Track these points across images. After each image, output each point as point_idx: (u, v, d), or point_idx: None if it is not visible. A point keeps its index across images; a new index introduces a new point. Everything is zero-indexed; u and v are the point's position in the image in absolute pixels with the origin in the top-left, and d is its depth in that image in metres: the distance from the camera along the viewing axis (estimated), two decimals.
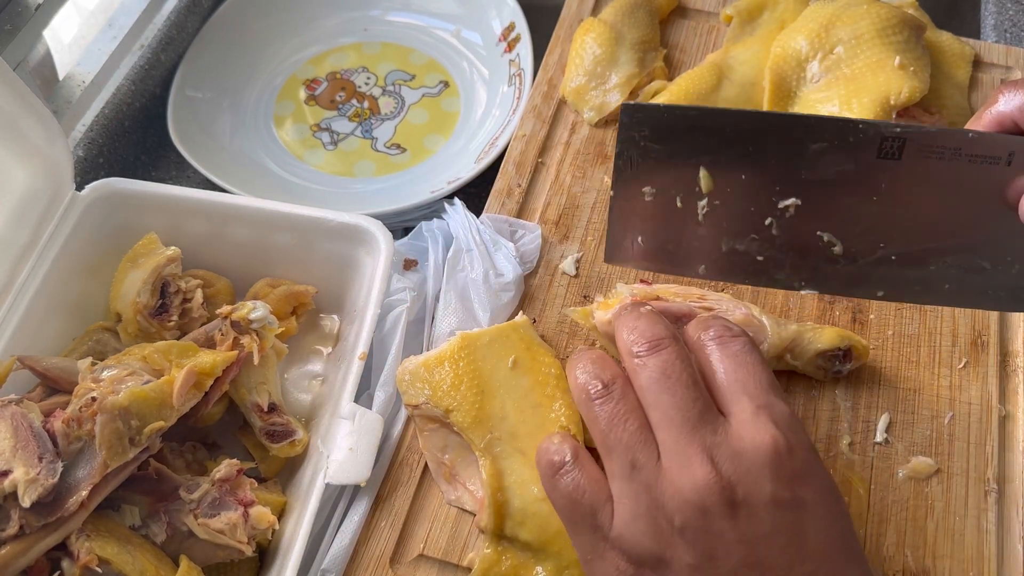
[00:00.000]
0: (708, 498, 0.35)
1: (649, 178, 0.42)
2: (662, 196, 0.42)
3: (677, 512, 0.35)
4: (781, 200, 0.41)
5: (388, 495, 0.46)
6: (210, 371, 0.44)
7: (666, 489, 0.36)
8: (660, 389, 0.37)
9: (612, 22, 0.61)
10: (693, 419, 0.36)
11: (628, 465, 0.37)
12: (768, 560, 0.35)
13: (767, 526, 0.35)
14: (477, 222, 0.54)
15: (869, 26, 0.55)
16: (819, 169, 0.40)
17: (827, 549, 0.35)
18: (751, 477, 0.35)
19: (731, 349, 0.39)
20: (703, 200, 0.42)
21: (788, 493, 0.35)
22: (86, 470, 0.40)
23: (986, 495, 0.45)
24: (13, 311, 0.48)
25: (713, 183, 0.41)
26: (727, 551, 0.35)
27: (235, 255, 0.54)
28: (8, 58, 0.59)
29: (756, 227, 0.42)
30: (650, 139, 0.41)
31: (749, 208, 0.41)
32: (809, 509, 0.35)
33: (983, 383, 0.49)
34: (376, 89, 0.75)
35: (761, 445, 0.35)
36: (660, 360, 0.38)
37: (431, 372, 0.46)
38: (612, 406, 0.38)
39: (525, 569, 0.42)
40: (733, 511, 0.35)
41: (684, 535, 0.35)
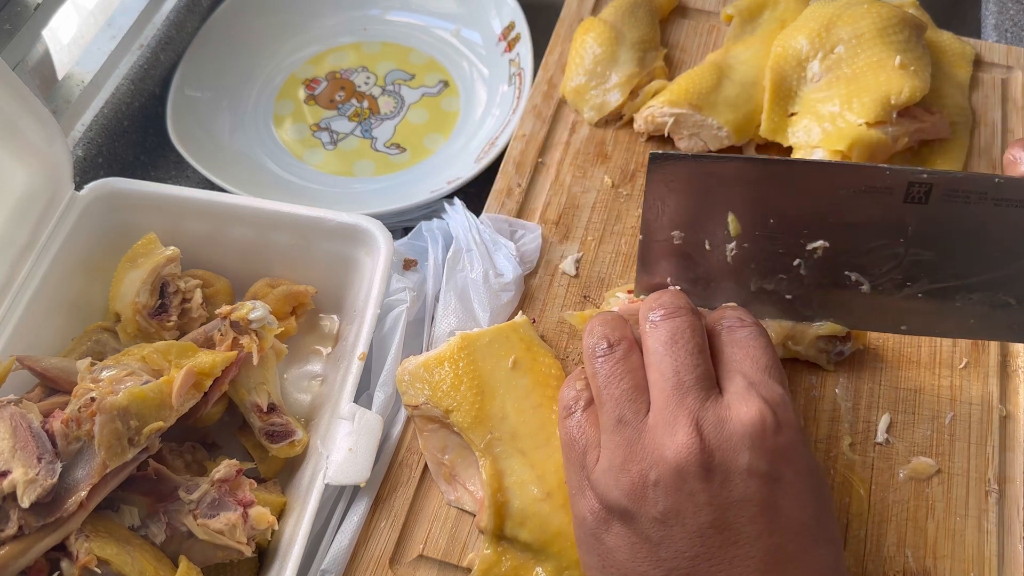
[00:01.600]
0: (685, 459, 0.36)
1: (677, 223, 0.43)
2: (691, 239, 0.44)
3: (653, 468, 0.36)
4: (809, 243, 0.42)
5: (388, 495, 0.46)
6: (209, 371, 0.44)
7: (647, 444, 0.37)
8: (664, 351, 0.39)
9: (612, 21, 0.61)
10: (687, 384, 0.38)
11: (615, 419, 0.38)
12: (736, 526, 0.35)
13: (739, 493, 0.36)
14: (477, 222, 0.53)
15: (870, 25, 0.55)
16: (846, 213, 0.41)
17: (798, 526, 0.36)
18: (730, 445, 0.36)
19: (737, 335, 0.40)
20: (731, 243, 0.43)
21: (766, 466, 0.36)
22: (85, 470, 0.40)
23: (987, 495, 0.45)
24: (12, 311, 0.48)
25: (741, 227, 0.42)
26: (695, 511, 0.36)
27: (234, 255, 0.54)
28: (7, 58, 0.59)
29: (785, 268, 0.43)
30: (678, 186, 0.42)
31: (777, 250, 0.43)
32: (785, 485, 0.36)
33: (984, 383, 0.49)
34: (376, 89, 0.75)
35: (745, 417, 0.36)
36: (672, 325, 0.39)
37: (431, 372, 0.46)
38: (612, 364, 0.40)
39: (525, 570, 0.42)
40: (708, 475, 0.36)
41: (656, 490, 0.36)
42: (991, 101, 0.60)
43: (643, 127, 0.58)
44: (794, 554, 0.35)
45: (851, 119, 0.53)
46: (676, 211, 0.43)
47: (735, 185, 0.42)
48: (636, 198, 0.56)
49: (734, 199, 0.42)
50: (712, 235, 0.43)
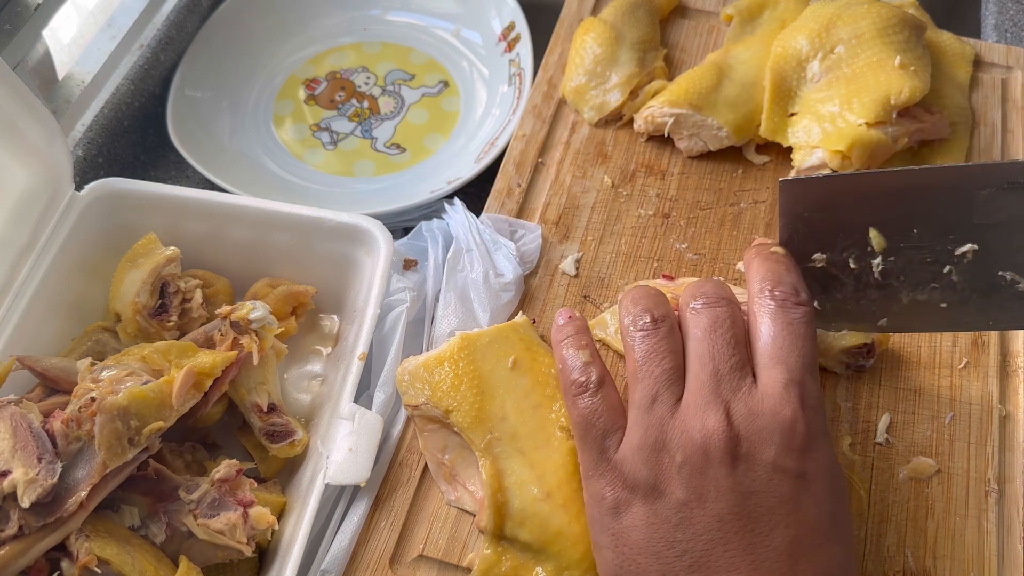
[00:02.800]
0: (713, 444, 0.36)
1: (817, 246, 0.43)
2: (834, 260, 0.43)
3: (680, 450, 0.37)
4: (957, 248, 0.41)
5: (388, 495, 0.46)
6: (209, 371, 0.44)
7: (677, 427, 0.37)
8: (703, 337, 0.39)
9: (612, 21, 0.61)
10: (723, 372, 0.38)
11: (650, 398, 0.38)
12: (755, 516, 0.36)
13: (762, 484, 0.36)
14: (477, 222, 0.53)
15: (869, 26, 0.55)
16: (991, 213, 0.40)
17: (815, 522, 0.36)
18: (759, 438, 0.37)
19: (789, 316, 0.39)
20: (877, 259, 0.42)
21: (791, 463, 0.36)
22: (85, 470, 0.40)
23: (986, 495, 0.45)
24: (12, 311, 0.48)
25: (885, 241, 0.42)
26: (717, 496, 0.36)
27: (234, 255, 0.54)
28: (8, 58, 0.59)
29: (935, 276, 0.42)
30: (813, 209, 0.42)
31: (926, 259, 0.42)
32: (808, 481, 0.37)
33: (983, 383, 0.49)
34: (376, 89, 0.75)
35: (779, 415, 0.37)
36: (713, 313, 0.40)
37: (431, 372, 0.46)
38: (655, 341, 0.40)
39: (525, 570, 0.42)
40: (733, 462, 0.36)
41: (681, 472, 0.37)
42: (991, 101, 0.60)
43: (643, 127, 0.58)
44: (808, 548, 0.36)
45: (851, 119, 0.53)
46: (814, 235, 0.42)
47: (871, 200, 0.41)
48: (636, 198, 0.56)
49: (873, 214, 0.41)
50: (856, 253, 0.43)
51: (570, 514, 0.42)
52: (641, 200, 0.56)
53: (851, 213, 0.42)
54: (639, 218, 0.55)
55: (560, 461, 0.43)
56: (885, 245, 0.42)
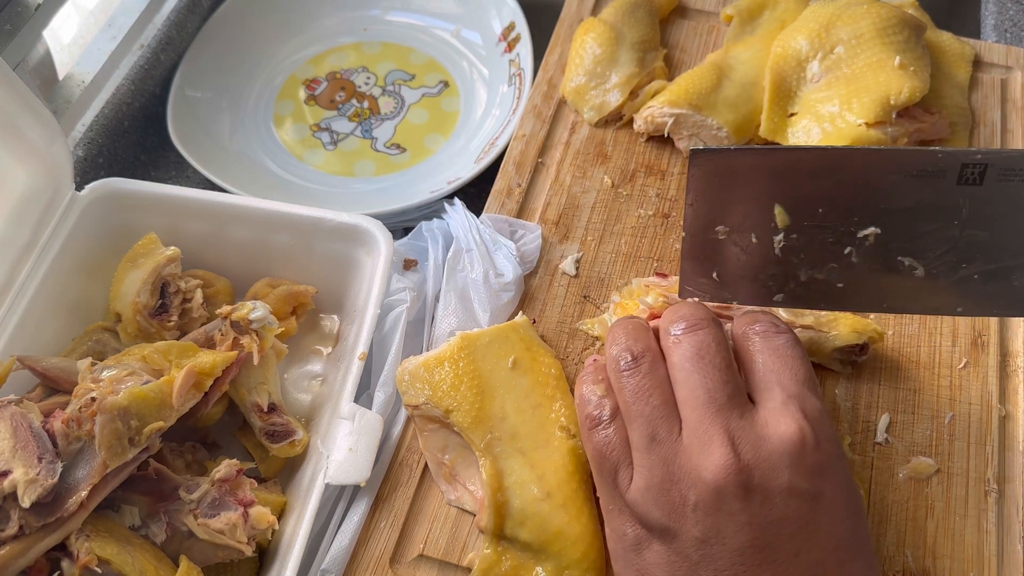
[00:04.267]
0: (724, 480, 0.35)
1: (721, 218, 0.42)
2: (736, 233, 0.43)
3: (691, 489, 0.36)
4: (860, 230, 0.41)
5: (388, 495, 0.46)
6: (210, 371, 0.44)
7: (683, 465, 0.36)
8: (692, 368, 0.38)
9: (612, 22, 0.61)
10: (720, 401, 0.37)
11: (648, 437, 0.38)
12: (776, 544, 0.35)
13: (779, 512, 0.35)
14: (477, 222, 0.54)
15: (869, 26, 0.55)
16: (898, 199, 0.40)
17: (836, 542, 0.36)
18: (769, 464, 0.36)
19: (773, 343, 0.39)
20: (779, 235, 0.42)
21: (806, 484, 0.36)
22: (85, 470, 0.40)
23: (986, 495, 0.45)
24: (13, 311, 0.48)
25: (789, 219, 0.41)
26: (736, 531, 0.35)
27: (235, 255, 0.54)
28: (8, 58, 0.59)
29: (836, 256, 0.42)
30: (721, 184, 0.41)
31: (827, 239, 0.42)
32: (824, 502, 0.36)
33: (983, 383, 0.49)
34: (376, 89, 0.75)
35: (785, 434, 0.36)
36: (696, 340, 0.39)
37: (431, 372, 0.46)
38: (639, 379, 0.39)
39: (525, 569, 0.42)
40: (747, 494, 0.35)
41: (695, 511, 0.36)
42: (990, 101, 0.60)
43: (643, 127, 0.58)
44: (832, 568, 0.35)
45: (851, 119, 0.53)
46: (719, 206, 0.42)
47: (780, 176, 0.41)
48: (636, 198, 0.56)
49: (780, 190, 0.41)
50: (759, 228, 0.42)
51: (570, 514, 0.42)
52: (641, 200, 0.56)
53: (758, 188, 0.41)
54: (639, 218, 0.55)
55: (560, 461, 0.43)
56: (788, 222, 0.42)
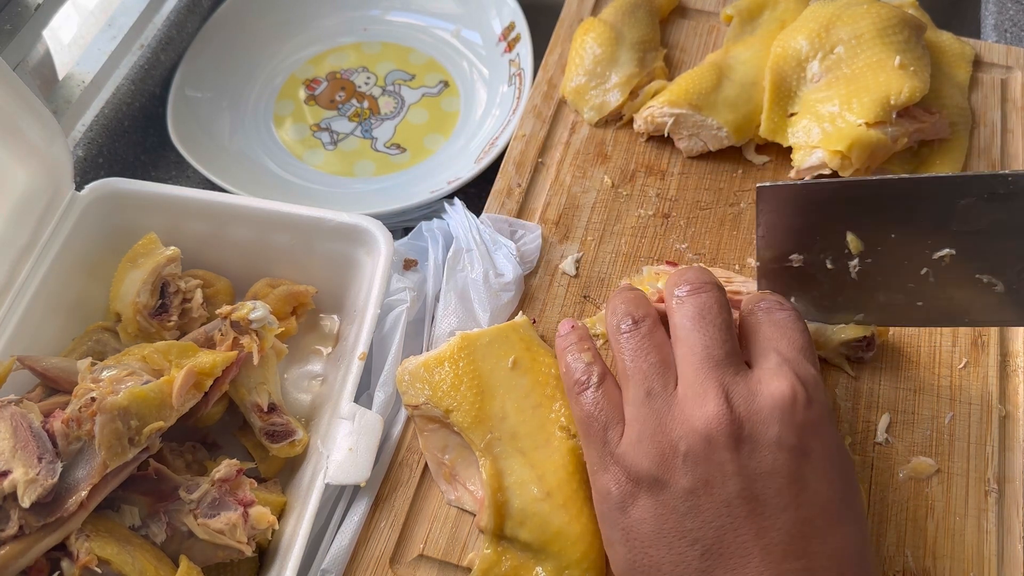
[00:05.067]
0: (715, 429, 0.36)
1: (794, 247, 0.43)
2: (811, 261, 0.44)
3: (682, 439, 0.37)
4: (935, 252, 0.42)
5: (388, 495, 0.46)
6: (210, 371, 0.44)
7: (676, 416, 0.37)
8: (692, 326, 0.39)
9: (612, 22, 0.61)
10: (717, 357, 0.38)
11: (643, 392, 0.39)
12: (763, 497, 0.36)
13: (767, 464, 0.36)
14: (477, 222, 0.54)
15: (869, 26, 0.55)
16: (971, 221, 0.40)
17: (824, 502, 0.36)
18: (760, 417, 0.36)
19: (775, 316, 0.41)
20: (854, 260, 0.43)
21: (794, 439, 0.36)
22: (85, 470, 0.40)
23: (986, 495, 0.45)
24: (13, 311, 0.48)
25: (862, 244, 0.42)
26: (724, 481, 0.36)
27: (235, 255, 0.54)
28: (8, 58, 0.59)
29: (913, 278, 0.43)
30: (791, 215, 0.42)
31: (903, 263, 0.43)
32: (813, 459, 0.36)
33: (983, 383, 0.49)
34: (376, 89, 0.75)
35: (776, 391, 0.37)
36: (699, 300, 0.40)
37: (431, 372, 0.46)
38: (638, 340, 0.40)
39: (525, 569, 0.42)
40: (737, 445, 0.36)
41: (686, 461, 0.37)
42: (991, 101, 0.60)
43: (643, 127, 0.58)
44: (820, 529, 0.36)
45: (851, 119, 0.53)
46: (791, 236, 0.43)
47: (850, 206, 0.42)
48: (636, 198, 0.56)
49: (850, 219, 0.42)
50: (833, 254, 0.43)
51: (570, 514, 0.42)
52: (641, 200, 0.56)
53: (828, 218, 0.42)
54: (639, 218, 0.55)
55: (560, 461, 0.43)
56: (862, 248, 0.43)
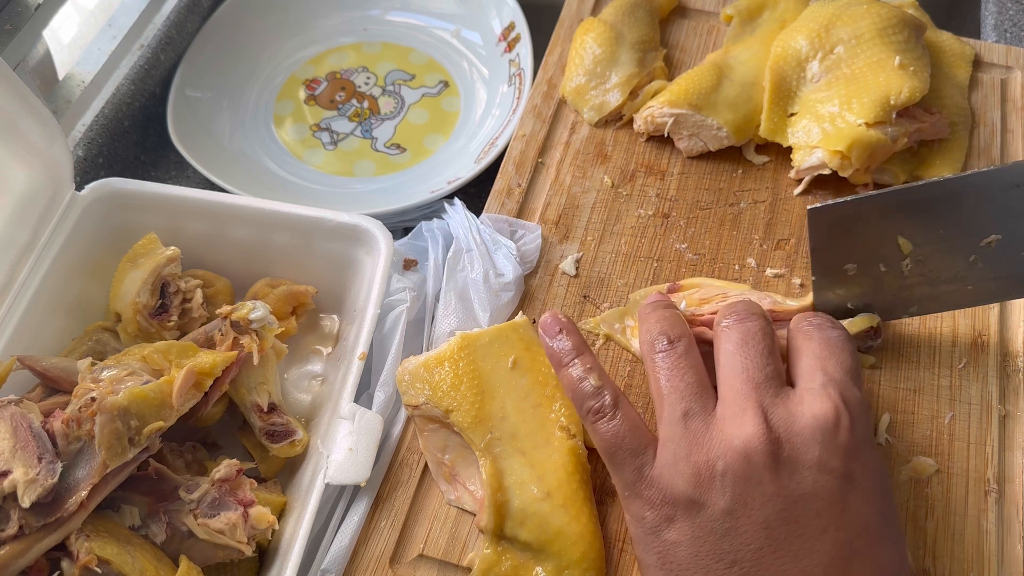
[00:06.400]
0: (754, 449, 0.36)
1: (848, 257, 0.45)
2: (864, 267, 0.45)
3: (720, 458, 0.36)
4: (982, 239, 0.43)
5: (388, 495, 0.46)
6: (210, 371, 0.44)
7: (714, 436, 0.37)
8: (735, 351, 0.39)
9: (612, 22, 0.61)
10: (757, 379, 0.38)
11: (680, 413, 0.38)
12: (802, 519, 0.35)
13: (808, 487, 0.35)
14: (477, 222, 0.54)
15: (869, 26, 0.55)
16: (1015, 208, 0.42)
17: (865, 523, 0.36)
18: (801, 439, 0.36)
19: (827, 334, 0.40)
20: (905, 259, 0.44)
21: (837, 462, 0.36)
22: (85, 470, 0.40)
23: (986, 495, 0.45)
24: (13, 311, 0.48)
25: (912, 245, 0.44)
26: (763, 503, 0.35)
27: (235, 255, 0.54)
28: (8, 58, 0.59)
29: (962, 265, 0.45)
30: (842, 231, 0.44)
31: (951, 254, 0.44)
32: (854, 482, 0.36)
33: (983, 383, 0.49)
34: (376, 89, 0.75)
35: (819, 412, 0.36)
36: (743, 328, 0.40)
37: (431, 372, 0.46)
38: (674, 359, 0.40)
39: (525, 569, 0.42)
40: (776, 465, 0.36)
41: (723, 481, 0.36)
42: (990, 101, 0.60)
43: (643, 127, 0.58)
44: (860, 551, 0.35)
45: (851, 119, 0.53)
46: (843, 250, 0.44)
47: (898, 212, 0.43)
48: (636, 198, 0.56)
49: (900, 225, 0.43)
50: (885, 258, 0.45)
51: (570, 514, 0.42)
52: (641, 200, 0.56)
53: (878, 227, 0.43)
54: (639, 218, 0.55)
55: (560, 461, 0.43)
56: (912, 248, 0.44)
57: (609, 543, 0.44)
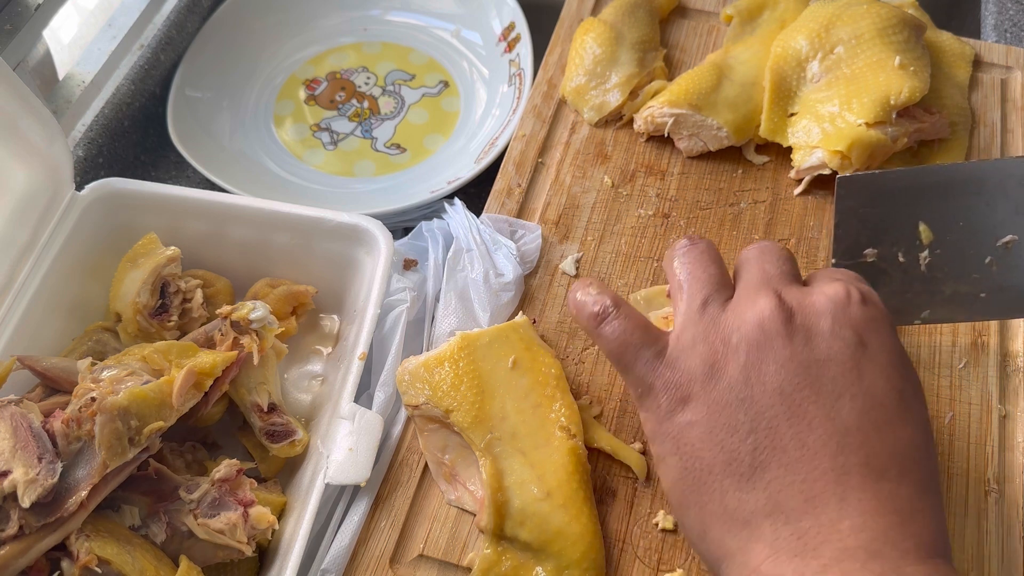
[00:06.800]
0: (767, 318, 0.36)
1: (870, 241, 0.45)
2: (884, 255, 0.45)
3: (735, 331, 0.37)
4: (1000, 238, 0.44)
5: (388, 495, 0.46)
6: (210, 371, 0.44)
7: (729, 317, 0.37)
8: (753, 257, 0.40)
9: (612, 22, 0.61)
10: (773, 274, 0.38)
11: (700, 301, 0.39)
12: (817, 385, 0.35)
13: (822, 352, 0.35)
14: (477, 222, 0.54)
15: (869, 26, 0.55)
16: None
17: (882, 396, 0.35)
18: (813, 310, 0.36)
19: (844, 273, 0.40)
20: (924, 251, 0.45)
21: (849, 332, 0.36)
22: (85, 470, 0.40)
23: (986, 495, 0.45)
24: (13, 311, 0.48)
25: (933, 234, 0.44)
26: (777, 368, 0.35)
27: (235, 255, 0.54)
28: (8, 58, 0.59)
29: (977, 267, 0.44)
30: (868, 205, 0.44)
31: (969, 251, 0.44)
32: (869, 353, 0.36)
33: (983, 383, 0.49)
34: (376, 89, 0.75)
35: (830, 291, 0.37)
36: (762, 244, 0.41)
37: (431, 372, 0.46)
38: (697, 253, 0.40)
39: (525, 569, 0.42)
40: (790, 332, 0.36)
41: (737, 352, 0.36)
42: (990, 101, 0.60)
43: (643, 127, 0.58)
44: (878, 424, 0.34)
45: (851, 119, 0.53)
46: (866, 229, 0.44)
47: (924, 193, 0.43)
48: (636, 198, 0.56)
49: (923, 208, 0.43)
50: (905, 246, 0.44)
51: (570, 514, 0.42)
52: (641, 200, 0.56)
53: (902, 208, 0.43)
54: (639, 218, 0.55)
55: (560, 461, 0.43)
56: (932, 238, 0.44)
57: (609, 543, 0.44)
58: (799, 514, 0.34)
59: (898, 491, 0.34)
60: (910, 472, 0.34)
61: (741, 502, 0.35)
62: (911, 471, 0.34)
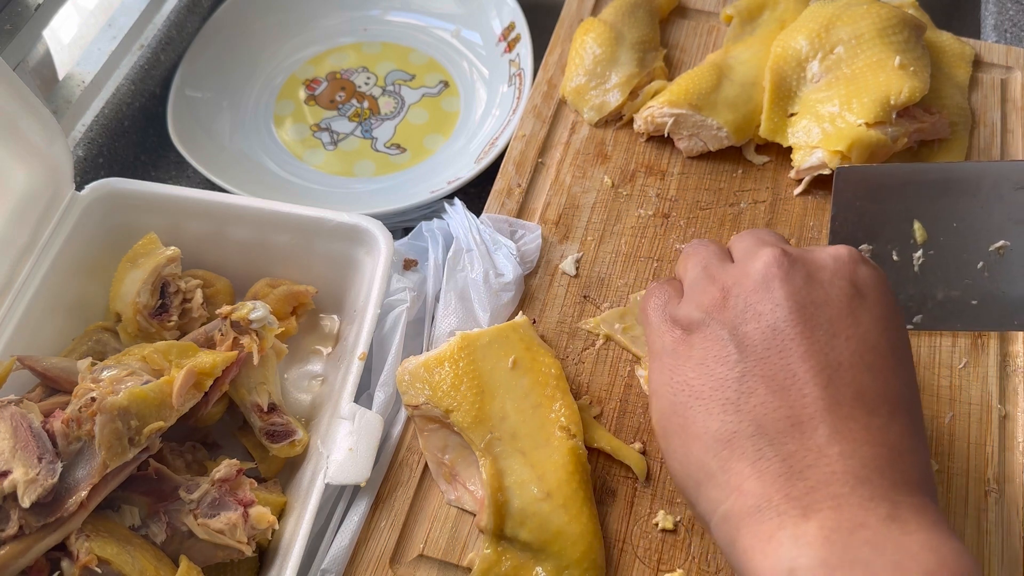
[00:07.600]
0: (770, 264, 0.38)
1: (865, 236, 0.45)
2: (879, 252, 0.45)
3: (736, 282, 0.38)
4: (992, 243, 0.44)
5: (388, 495, 0.46)
6: (210, 371, 0.44)
7: (730, 270, 0.39)
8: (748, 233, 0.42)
9: (612, 22, 0.61)
10: (771, 240, 0.40)
11: (701, 267, 0.40)
12: (812, 323, 0.36)
13: (819, 296, 0.36)
14: (477, 222, 0.54)
15: (869, 26, 0.55)
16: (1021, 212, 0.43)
17: (875, 341, 0.36)
18: (814, 262, 0.37)
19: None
20: (918, 251, 0.45)
21: (846, 283, 0.37)
22: (85, 470, 0.40)
23: (986, 495, 0.45)
24: (13, 311, 0.48)
25: (927, 234, 0.44)
26: (773, 307, 0.36)
27: (235, 255, 0.54)
28: (8, 58, 0.59)
29: (969, 272, 0.45)
30: (865, 199, 0.44)
31: (962, 255, 0.45)
32: (866, 301, 0.36)
33: (983, 383, 0.49)
34: (376, 89, 0.75)
35: (832, 250, 0.38)
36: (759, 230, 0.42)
37: (431, 372, 0.46)
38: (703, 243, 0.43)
39: (525, 569, 0.42)
40: (787, 276, 0.37)
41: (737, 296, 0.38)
42: (990, 101, 0.60)
43: (643, 127, 0.58)
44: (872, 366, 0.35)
45: (851, 119, 0.53)
46: (862, 224, 0.45)
47: (920, 191, 0.43)
48: (636, 198, 0.56)
49: (918, 205, 0.44)
50: (899, 244, 0.45)
51: (570, 514, 0.42)
52: (641, 200, 0.56)
53: (898, 204, 0.44)
54: (639, 218, 0.55)
55: (560, 461, 0.43)
56: (926, 238, 0.44)
57: (609, 543, 0.44)
58: (784, 437, 0.34)
59: (889, 427, 0.34)
60: (900, 415, 0.35)
61: (724, 423, 0.35)
62: (901, 414, 0.35)
